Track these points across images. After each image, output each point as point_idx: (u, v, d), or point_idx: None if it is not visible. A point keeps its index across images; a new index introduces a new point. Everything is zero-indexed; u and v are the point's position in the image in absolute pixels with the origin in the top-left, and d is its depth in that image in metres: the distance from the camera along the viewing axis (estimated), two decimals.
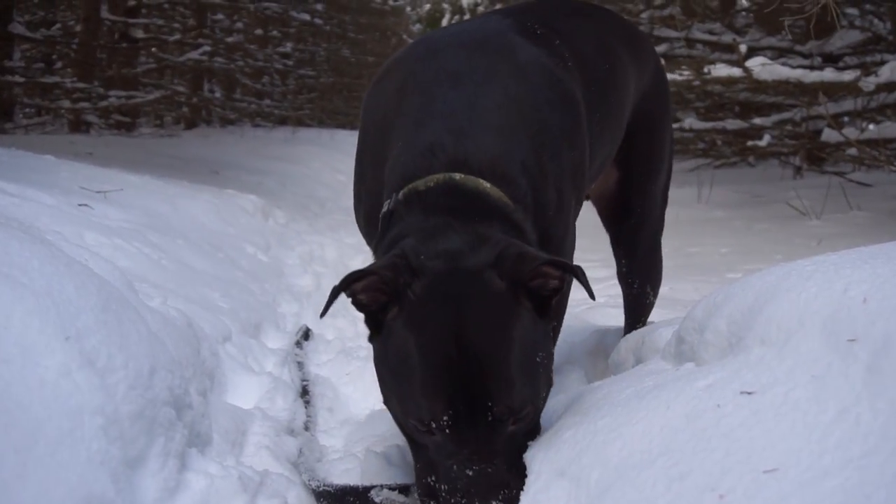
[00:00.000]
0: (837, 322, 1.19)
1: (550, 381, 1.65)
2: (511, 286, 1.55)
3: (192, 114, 15.55)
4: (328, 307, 1.61)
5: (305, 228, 5.71)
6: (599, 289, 2.94)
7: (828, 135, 7.38)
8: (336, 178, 9.68)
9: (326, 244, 5.26)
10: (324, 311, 1.64)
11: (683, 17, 10.33)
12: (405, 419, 1.56)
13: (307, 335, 3.00)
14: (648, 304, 2.62)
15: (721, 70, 6.54)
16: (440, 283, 1.54)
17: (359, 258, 4.47)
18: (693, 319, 1.57)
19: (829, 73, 6.82)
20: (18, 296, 1.41)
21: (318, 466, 1.85)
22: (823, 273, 1.32)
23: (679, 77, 6.91)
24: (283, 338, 2.99)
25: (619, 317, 2.68)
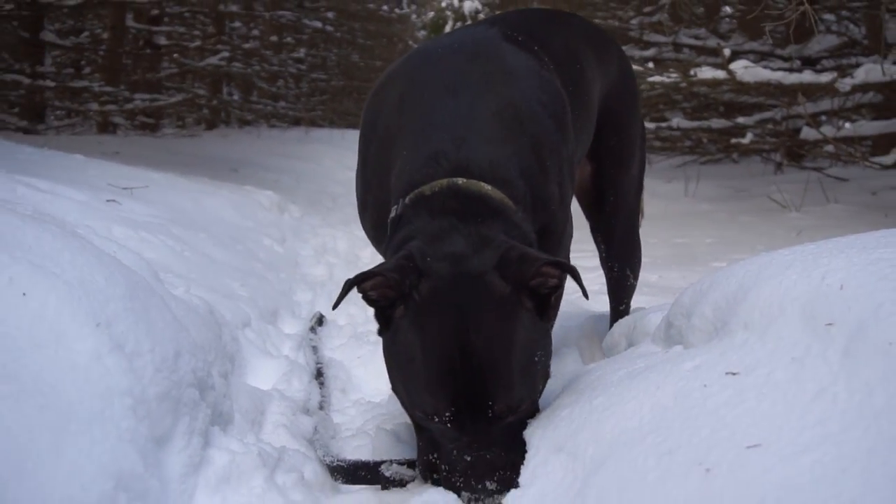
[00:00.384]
0: (815, 308, 1.19)
1: (548, 374, 1.65)
2: (513, 288, 1.55)
3: (212, 115, 15.54)
4: (339, 302, 1.60)
5: (318, 222, 5.71)
6: (592, 277, 2.94)
7: (806, 133, 7.36)
8: (347, 175, 9.60)
9: (338, 236, 5.26)
10: (335, 305, 1.63)
11: (671, 23, 10.29)
12: (411, 408, 1.57)
13: (321, 321, 3.00)
14: (630, 286, 2.60)
15: (706, 73, 6.51)
16: (445, 286, 1.53)
17: (368, 250, 4.46)
18: (681, 305, 1.57)
19: (808, 75, 6.80)
20: (52, 285, 1.41)
21: (332, 443, 1.85)
22: (802, 262, 1.32)
23: (667, 79, 6.89)
24: (299, 324, 2.99)
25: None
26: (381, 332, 1.64)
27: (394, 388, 1.65)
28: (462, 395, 1.47)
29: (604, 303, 2.65)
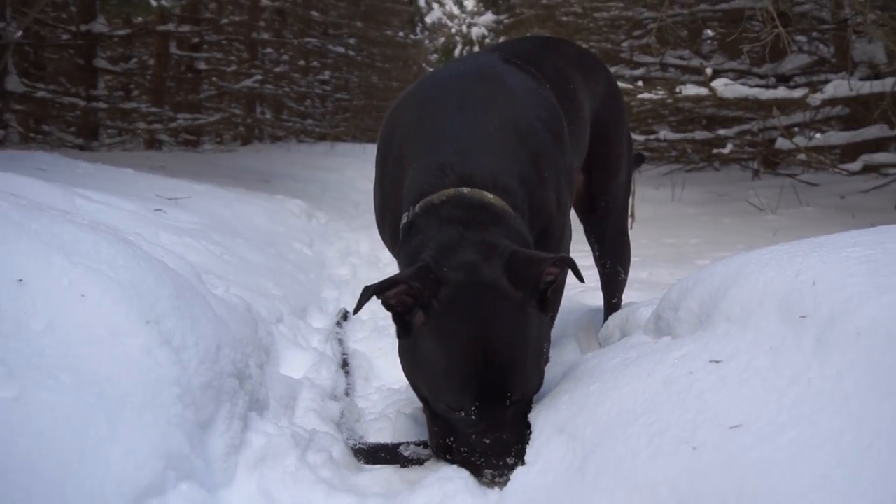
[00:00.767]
0: (790, 302, 1.19)
1: (548, 359, 1.67)
2: (523, 291, 1.55)
3: (247, 132, 15.56)
4: (360, 306, 1.59)
5: (343, 227, 5.72)
6: (588, 275, 2.92)
7: (781, 143, 7.32)
8: (368, 185, 9.53)
9: (361, 240, 5.26)
10: (356, 310, 1.62)
11: (658, 46, 10.25)
12: (435, 403, 1.55)
13: (346, 316, 3.01)
14: (621, 282, 2.59)
15: (690, 90, 6.49)
16: (463, 294, 1.53)
17: (388, 252, 4.46)
18: (669, 300, 1.57)
19: (782, 91, 6.77)
20: (107, 287, 1.42)
21: (357, 426, 1.86)
22: (778, 260, 1.32)
23: (655, 96, 6.87)
24: (326, 319, 3.00)
25: None
26: (401, 337, 1.63)
27: (413, 386, 1.64)
28: (485, 391, 1.48)
29: (599, 298, 2.64)
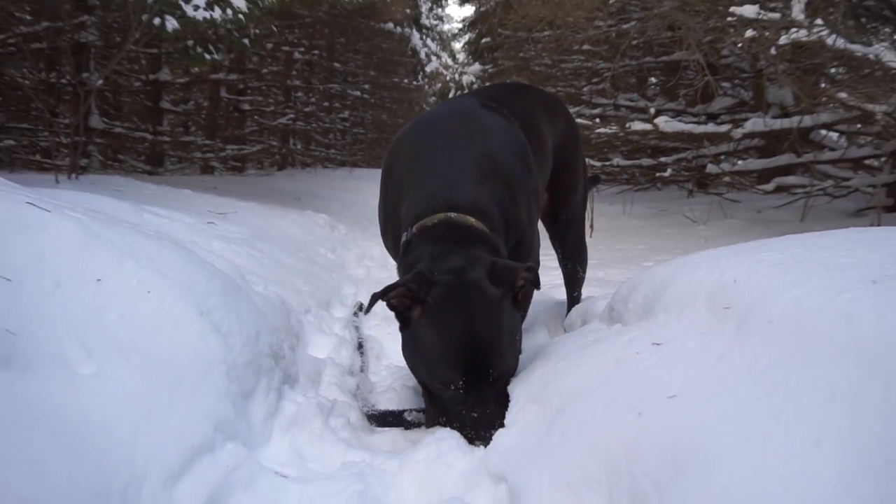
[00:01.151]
0: (717, 296, 1.19)
1: (520, 350, 1.64)
2: (501, 290, 1.54)
3: (282, 160, 15.49)
4: (371, 307, 1.58)
5: (359, 236, 5.70)
6: (555, 274, 2.92)
7: (710, 168, 7.36)
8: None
9: (373, 247, 5.24)
10: (367, 310, 1.62)
11: (612, 90, 10.28)
12: (430, 381, 1.55)
13: (361, 308, 3.00)
14: (580, 279, 2.58)
15: (638, 125, 6.51)
16: (451, 292, 1.52)
17: None
18: (620, 294, 1.57)
19: (711, 127, 6.80)
20: (169, 286, 1.42)
21: (370, 396, 1.85)
22: (708, 263, 1.32)
23: (609, 130, 6.89)
24: (345, 310, 2.99)
25: None
26: (402, 330, 1.62)
27: (413, 369, 1.62)
28: (471, 369, 1.47)
29: (563, 293, 2.64)
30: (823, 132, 7.33)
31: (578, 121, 6.67)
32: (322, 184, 10.41)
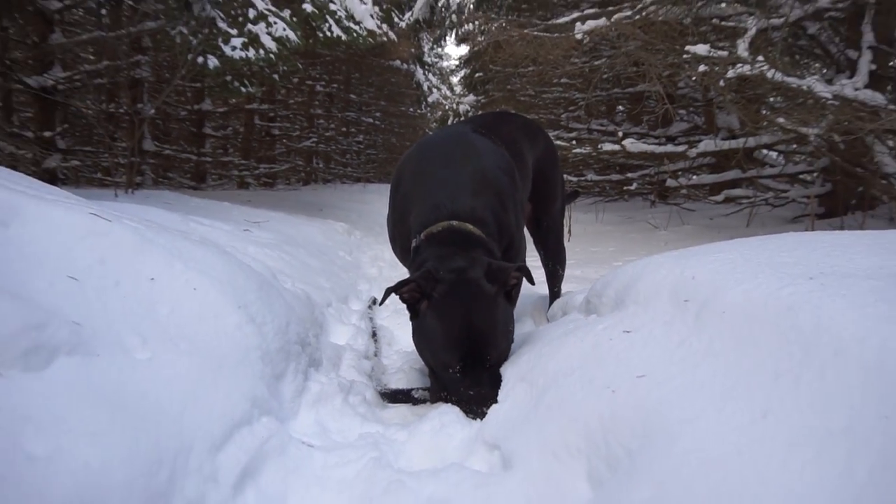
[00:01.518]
0: (678, 290, 1.19)
1: (512, 339, 1.63)
2: (496, 287, 1.54)
3: (307, 177, 15.45)
4: (384, 300, 1.58)
5: (372, 241, 5.68)
6: (538, 273, 2.90)
7: (669, 182, 7.36)
8: None
9: (385, 250, 5.22)
10: (381, 302, 1.63)
11: (586, 117, 10.28)
12: (434, 364, 1.55)
13: (374, 302, 3.00)
14: (560, 276, 2.57)
15: (608, 146, 6.51)
16: (453, 288, 1.52)
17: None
18: (595, 290, 1.57)
19: (670, 147, 6.80)
20: (211, 283, 1.42)
21: (382, 377, 1.85)
22: (669, 263, 1.32)
23: (584, 151, 6.88)
24: (360, 304, 2.98)
25: None
26: (412, 319, 1.62)
27: (420, 353, 1.62)
28: (469, 354, 1.47)
29: (546, 288, 2.64)
30: (765, 151, 7.34)
31: (557, 143, 6.70)
32: (341, 197, 10.40)
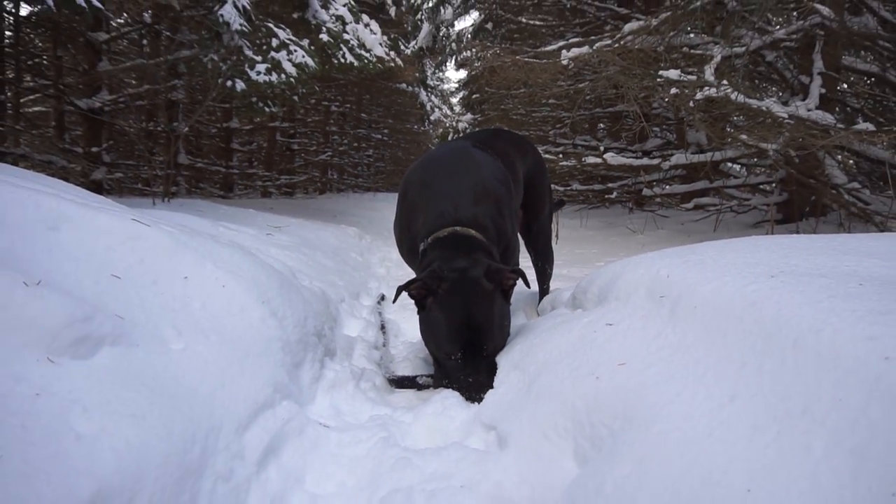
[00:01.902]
0: (654, 287, 1.19)
1: (508, 333, 1.63)
2: (494, 286, 1.54)
3: (323, 187, 15.44)
4: (396, 298, 1.58)
5: (381, 244, 5.68)
6: (529, 273, 2.90)
7: (645, 192, 7.35)
8: None
9: (392, 252, 5.21)
10: (394, 300, 1.62)
11: (571, 133, 10.29)
12: (437, 353, 1.55)
13: (383, 298, 2.99)
14: (549, 275, 2.56)
15: (591, 159, 6.50)
16: (456, 285, 1.52)
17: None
18: (580, 287, 1.57)
19: (646, 160, 6.77)
20: (238, 281, 1.42)
21: (390, 365, 1.85)
22: (646, 263, 1.31)
23: (569, 163, 6.87)
24: (370, 300, 2.97)
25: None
26: (419, 312, 1.61)
27: (426, 343, 1.62)
28: (468, 344, 1.47)
29: (536, 286, 2.63)
30: (730, 164, 7.35)
31: (546, 156, 6.69)
32: (353, 204, 10.40)
